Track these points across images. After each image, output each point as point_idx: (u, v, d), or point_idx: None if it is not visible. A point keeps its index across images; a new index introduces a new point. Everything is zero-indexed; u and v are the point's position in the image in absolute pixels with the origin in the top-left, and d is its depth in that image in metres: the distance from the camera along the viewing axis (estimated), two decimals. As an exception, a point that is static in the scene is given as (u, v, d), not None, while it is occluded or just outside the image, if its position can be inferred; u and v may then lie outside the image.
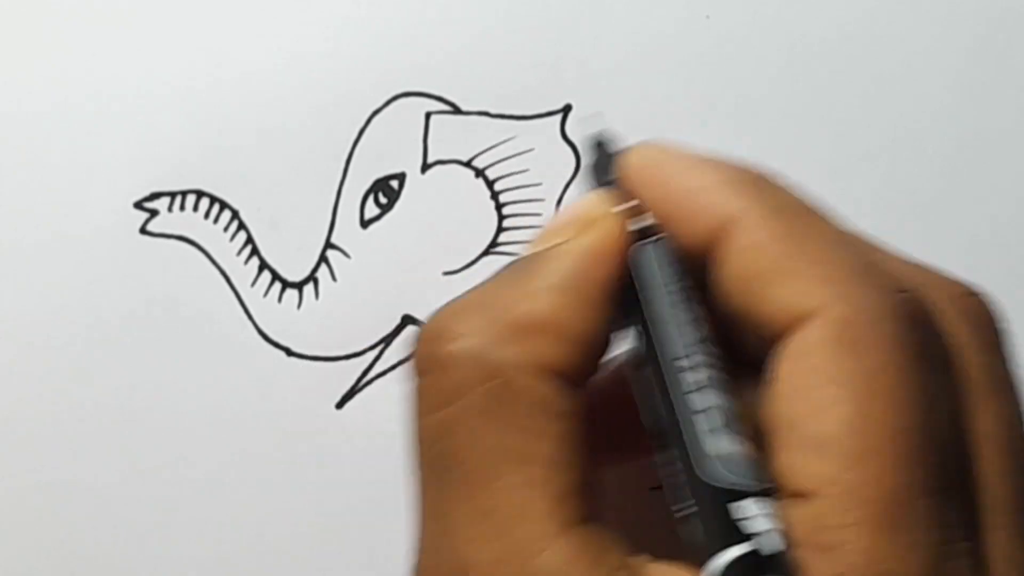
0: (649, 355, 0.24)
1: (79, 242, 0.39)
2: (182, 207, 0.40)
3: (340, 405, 0.40)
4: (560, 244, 0.25)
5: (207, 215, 0.40)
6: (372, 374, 0.40)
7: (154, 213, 0.40)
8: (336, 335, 0.40)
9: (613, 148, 0.28)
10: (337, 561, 0.39)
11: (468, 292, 0.26)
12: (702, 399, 0.23)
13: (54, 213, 0.40)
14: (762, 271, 0.24)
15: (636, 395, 0.25)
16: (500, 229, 0.40)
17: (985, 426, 0.23)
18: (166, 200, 0.40)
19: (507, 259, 0.40)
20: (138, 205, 0.40)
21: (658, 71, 0.41)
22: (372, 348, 0.40)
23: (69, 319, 0.39)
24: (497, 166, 0.40)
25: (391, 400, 0.40)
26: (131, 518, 0.39)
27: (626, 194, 0.26)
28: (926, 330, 0.23)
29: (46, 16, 0.40)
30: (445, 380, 0.24)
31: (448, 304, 0.25)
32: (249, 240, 0.40)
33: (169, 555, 0.39)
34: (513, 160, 0.40)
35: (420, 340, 0.25)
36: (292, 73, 0.40)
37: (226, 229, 0.40)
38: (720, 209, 0.25)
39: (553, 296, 0.24)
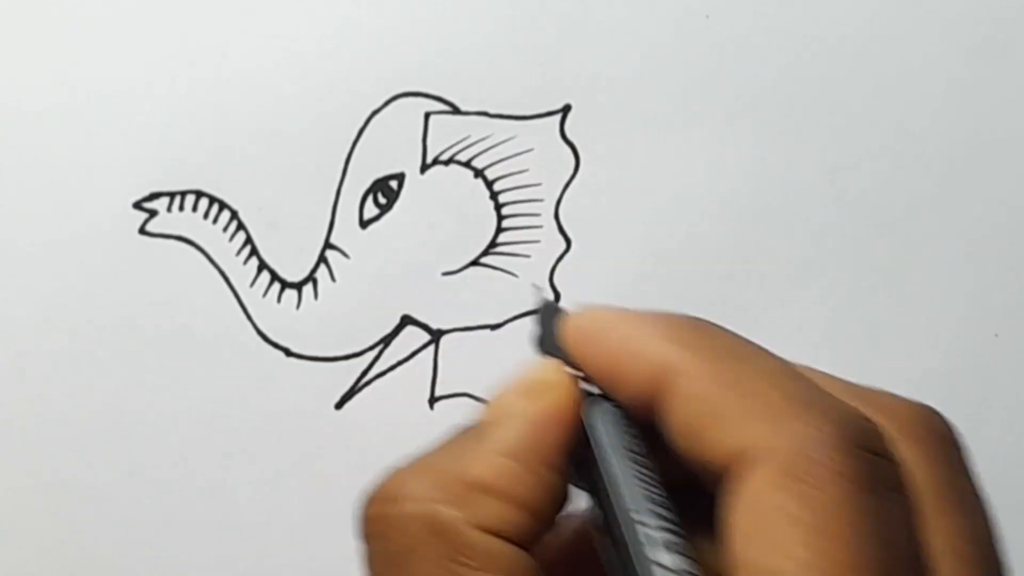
0: (607, 516, 0.25)
1: (79, 242, 0.40)
2: (181, 207, 0.40)
3: (340, 405, 0.40)
4: (509, 411, 0.26)
5: (206, 215, 0.40)
6: (371, 374, 0.40)
7: (153, 213, 0.40)
8: (335, 335, 0.40)
9: (557, 317, 0.29)
10: (337, 561, 0.39)
11: (417, 457, 0.26)
12: (662, 558, 0.24)
13: (54, 213, 0.40)
14: (705, 417, 0.24)
15: (600, 554, 0.25)
16: (499, 229, 0.40)
17: (944, 543, 0.23)
18: (165, 200, 0.40)
19: (508, 259, 0.40)
20: (137, 205, 0.40)
21: (658, 71, 0.41)
22: (371, 348, 0.40)
23: (68, 319, 0.39)
24: (496, 166, 0.40)
25: (390, 400, 0.40)
26: (131, 518, 0.39)
27: (572, 360, 0.27)
28: (874, 456, 0.23)
29: (46, 16, 0.40)
30: (398, 542, 0.25)
31: (397, 468, 0.26)
32: (248, 240, 0.40)
33: (169, 555, 0.39)
34: (512, 160, 0.40)
35: (369, 503, 0.26)
36: (292, 73, 0.40)
37: (225, 229, 0.40)
38: (659, 363, 0.25)
39: (500, 461, 0.25)
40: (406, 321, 0.40)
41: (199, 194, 0.40)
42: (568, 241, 0.40)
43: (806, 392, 0.24)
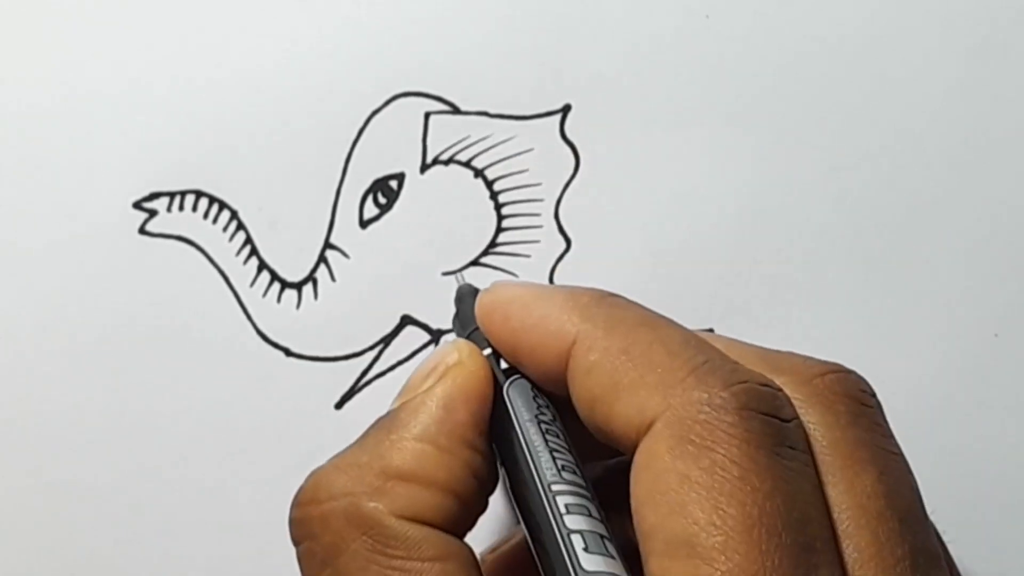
0: (523, 485, 0.25)
1: (79, 242, 0.40)
2: (181, 207, 0.40)
3: (339, 405, 0.40)
4: (420, 395, 0.26)
5: (206, 215, 0.40)
6: (371, 374, 0.40)
7: (153, 213, 0.40)
8: (335, 335, 0.40)
9: (472, 298, 0.29)
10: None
11: (338, 454, 0.27)
12: (573, 522, 0.24)
13: (54, 213, 0.40)
14: (604, 389, 0.24)
15: (521, 525, 0.25)
16: (499, 229, 0.40)
17: (848, 499, 0.23)
18: (165, 200, 0.40)
19: (508, 259, 0.40)
20: (137, 205, 0.40)
21: (658, 71, 0.41)
22: (371, 348, 0.40)
23: (68, 319, 0.39)
24: (496, 166, 0.40)
25: (390, 400, 0.40)
26: (131, 518, 0.39)
27: (485, 337, 0.28)
28: (769, 416, 0.23)
29: (46, 16, 0.40)
30: (324, 540, 0.25)
31: (319, 468, 0.27)
32: (248, 240, 0.40)
33: (169, 555, 0.39)
34: (512, 160, 0.40)
35: (294, 507, 0.26)
36: (292, 73, 0.40)
37: (225, 229, 0.40)
38: (562, 335, 0.25)
39: (416, 447, 0.26)
40: (406, 321, 0.40)
41: (199, 194, 0.40)
42: (568, 241, 0.40)
43: (702, 359, 0.24)
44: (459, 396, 0.26)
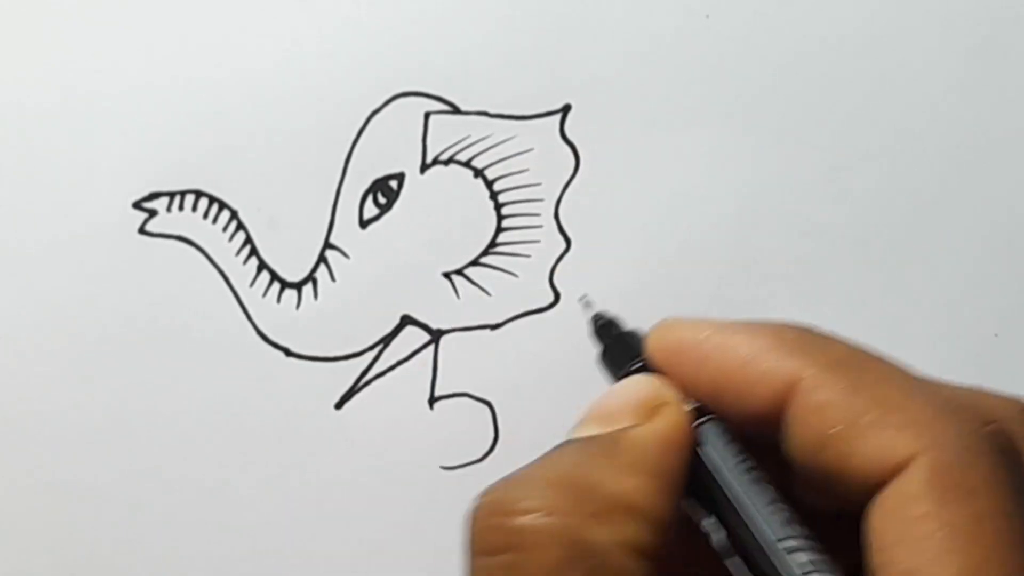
0: (737, 538, 0.24)
1: (78, 242, 0.40)
2: (181, 207, 0.40)
3: (339, 405, 0.40)
4: (634, 428, 0.25)
5: (206, 215, 0.40)
6: (371, 374, 0.40)
7: (153, 213, 0.40)
8: (335, 335, 0.40)
9: (624, 329, 0.28)
10: (336, 560, 0.39)
11: (538, 466, 0.25)
12: None
13: (54, 213, 0.40)
14: (840, 428, 0.24)
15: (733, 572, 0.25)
16: (499, 229, 0.40)
17: None
18: (165, 200, 0.40)
19: (508, 259, 0.40)
20: (137, 205, 0.40)
21: (658, 71, 0.41)
22: (371, 348, 0.40)
23: (68, 319, 0.39)
24: (496, 166, 0.40)
25: (390, 400, 0.40)
26: (131, 518, 0.39)
27: (668, 376, 0.26)
28: (1014, 460, 0.23)
29: (46, 16, 0.40)
30: (528, 559, 0.23)
31: (513, 476, 0.24)
32: (248, 240, 0.40)
33: (169, 555, 0.39)
34: (512, 160, 0.40)
35: (481, 513, 0.24)
36: (291, 73, 0.40)
37: (225, 229, 0.40)
38: (779, 374, 0.24)
39: (640, 480, 0.24)
40: (406, 321, 0.40)
41: (199, 194, 0.40)
42: (568, 241, 0.40)
43: (941, 399, 0.24)
44: (672, 437, 0.25)
